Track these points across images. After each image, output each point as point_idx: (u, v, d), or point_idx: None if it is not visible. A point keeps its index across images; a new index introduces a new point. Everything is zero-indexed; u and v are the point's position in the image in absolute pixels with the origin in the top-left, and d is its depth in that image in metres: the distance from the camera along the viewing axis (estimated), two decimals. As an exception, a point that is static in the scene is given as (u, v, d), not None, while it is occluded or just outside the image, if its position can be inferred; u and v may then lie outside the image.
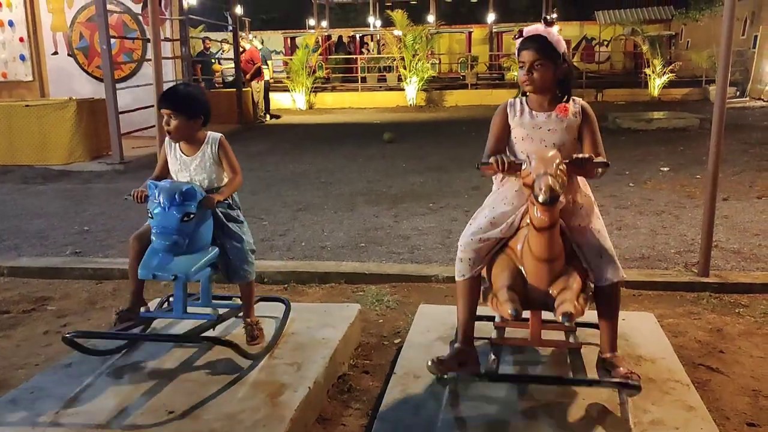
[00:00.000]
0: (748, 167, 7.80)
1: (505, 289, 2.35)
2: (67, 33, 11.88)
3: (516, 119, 2.56)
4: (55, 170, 8.89)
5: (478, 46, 26.08)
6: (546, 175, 2.18)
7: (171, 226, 2.59)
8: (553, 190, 2.15)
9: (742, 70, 17.95)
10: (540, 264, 2.31)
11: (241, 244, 2.87)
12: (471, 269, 2.50)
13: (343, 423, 2.65)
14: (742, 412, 2.66)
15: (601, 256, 2.42)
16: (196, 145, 2.87)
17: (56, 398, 2.53)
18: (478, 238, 2.48)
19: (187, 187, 2.65)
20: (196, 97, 2.88)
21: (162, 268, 2.63)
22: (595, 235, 2.46)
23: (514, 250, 2.44)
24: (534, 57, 2.49)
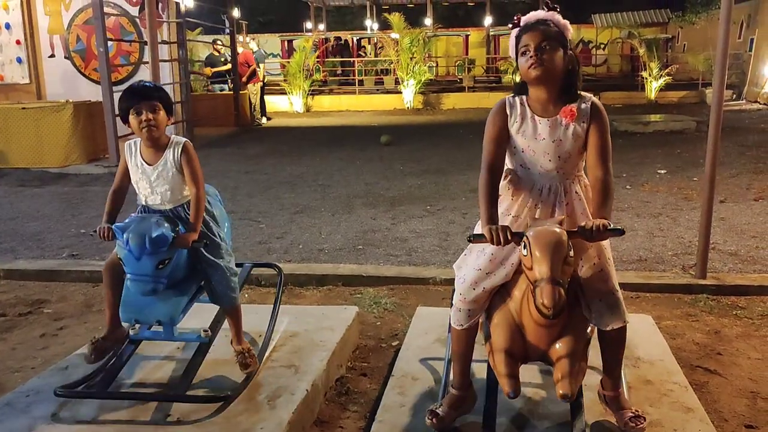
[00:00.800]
0: (745, 169, 7.81)
1: (504, 357, 2.12)
2: (64, 35, 11.85)
3: (516, 126, 2.21)
4: (51, 173, 8.88)
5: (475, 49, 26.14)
6: (550, 284, 1.87)
7: (146, 273, 2.38)
8: (557, 304, 1.86)
9: (738, 72, 18.01)
10: (539, 328, 2.09)
11: (222, 271, 2.63)
12: (469, 319, 2.27)
13: (341, 425, 2.64)
14: (740, 413, 2.66)
15: (602, 300, 2.15)
16: (159, 151, 2.58)
17: (52, 401, 2.51)
18: (481, 288, 2.21)
19: (156, 232, 2.37)
20: (165, 90, 2.67)
21: (145, 314, 2.50)
22: (598, 279, 2.17)
23: (514, 299, 2.18)
24: (540, 38, 2.11)
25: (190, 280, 2.61)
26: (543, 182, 2.23)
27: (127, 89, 2.59)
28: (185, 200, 2.63)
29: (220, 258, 2.64)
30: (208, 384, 2.63)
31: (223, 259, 2.65)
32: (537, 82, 2.18)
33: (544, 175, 2.22)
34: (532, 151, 2.22)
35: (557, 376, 2.07)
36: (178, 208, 2.62)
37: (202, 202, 2.59)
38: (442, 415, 2.32)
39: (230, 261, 2.70)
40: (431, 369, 2.81)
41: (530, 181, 2.25)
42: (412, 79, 18.10)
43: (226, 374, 2.69)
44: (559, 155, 2.19)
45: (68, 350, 3.22)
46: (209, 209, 2.71)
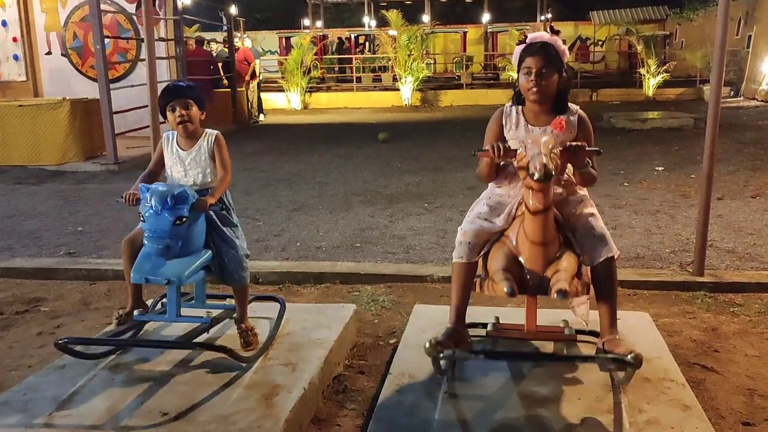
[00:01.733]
0: (743, 167, 7.82)
1: (501, 271, 2.41)
2: (60, 33, 11.83)
3: (512, 132, 2.59)
4: (48, 170, 8.86)
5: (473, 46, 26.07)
6: (540, 155, 2.26)
7: (163, 229, 2.56)
8: (546, 168, 2.22)
9: (736, 69, 18.01)
10: (535, 247, 2.37)
11: (236, 250, 2.86)
12: (469, 253, 2.53)
13: (339, 423, 2.64)
14: (738, 411, 2.67)
15: (593, 235, 2.47)
16: (194, 140, 2.90)
17: (49, 400, 2.51)
18: (479, 224, 2.55)
19: (179, 190, 2.62)
20: (198, 88, 2.99)
21: (155, 273, 2.61)
22: (586, 218, 2.52)
23: (510, 238, 2.50)
24: (542, 63, 2.49)
25: (202, 252, 2.78)
26: None
27: (164, 89, 2.96)
28: (211, 186, 2.88)
29: (235, 237, 2.87)
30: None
31: (237, 238, 2.89)
32: (534, 101, 2.58)
33: None
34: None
35: (553, 282, 2.35)
36: (203, 191, 2.83)
37: (227, 181, 2.88)
38: (441, 339, 2.50)
39: (243, 242, 2.93)
40: (429, 367, 2.80)
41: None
42: (410, 76, 18.08)
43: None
44: None
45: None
46: (229, 198, 2.97)
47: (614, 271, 2.53)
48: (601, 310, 2.58)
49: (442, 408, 2.46)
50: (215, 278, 2.97)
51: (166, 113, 2.90)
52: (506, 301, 3.74)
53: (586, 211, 2.56)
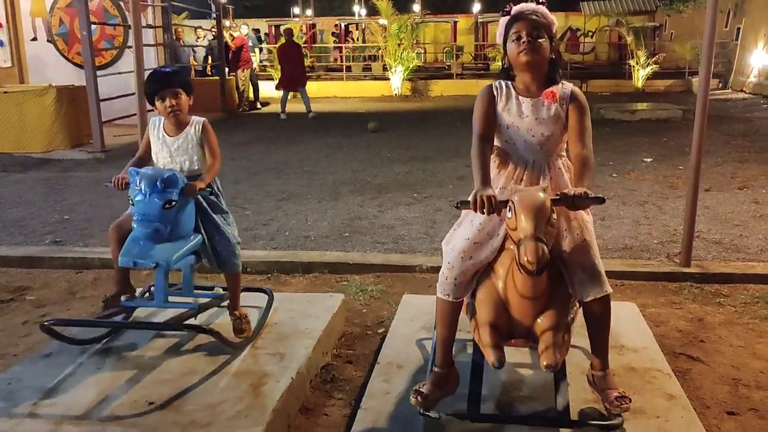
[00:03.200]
0: (730, 158, 7.87)
1: (489, 329, 2.19)
2: (46, 18, 11.67)
3: (502, 104, 2.36)
4: (34, 158, 8.77)
5: (463, 36, 26.04)
6: (533, 241, 1.94)
7: (152, 213, 2.56)
8: (541, 260, 1.92)
9: (725, 61, 18.09)
10: (524, 301, 2.15)
11: (228, 237, 2.86)
12: (456, 291, 2.30)
13: (326, 413, 2.64)
14: (722, 400, 2.69)
15: (584, 271, 2.21)
16: (181, 127, 2.87)
17: (34, 389, 2.49)
18: (468, 257, 2.26)
19: (168, 174, 2.62)
20: (188, 74, 2.92)
21: (143, 256, 2.60)
22: (581, 250, 2.24)
23: (498, 275, 2.24)
24: (532, 26, 2.27)
25: (191, 236, 2.77)
26: (528, 157, 2.36)
27: (150, 76, 2.89)
28: (198, 173, 2.84)
29: (226, 224, 2.87)
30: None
31: (229, 225, 2.89)
32: (525, 68, 2.32)
33: (529, 150, 2.35)
34: (516, 127, 2.35)
35: (541, 347, 2.13)
36: (191, 179, 2.78)
37: (216, 168, 2.86)
38: (426, 393, 2.34)
39: (234, 229, 2.93)
40: (417, 356, 2.81)
41: (516, 155, 2.38)
42: (400, 65, 18.02)
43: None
44: (541, 132, 2.34)
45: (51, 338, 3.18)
46: (218, 185, 2.94)
47: (607, 311, 2.28)
48: (591, 345, 2.40)
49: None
50: (207, 266, 2.95)
51: (154, 101, 2.84)
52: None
53: (579, 240, 2.25)
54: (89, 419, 2.31)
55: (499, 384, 2.54)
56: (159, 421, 2.29)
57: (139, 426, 2.26)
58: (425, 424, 2.30)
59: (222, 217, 2.89)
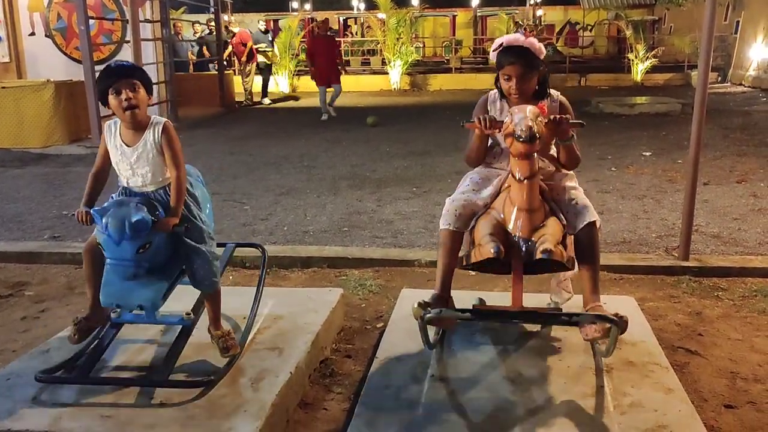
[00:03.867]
0: (729, 152, 7.86)
1: (488, 235, 2.47)
2: (44, 13, 11.63)
3: (496, 116, 2.68)
4: (33, 153, 8.76)
5: (462, 30, 25.97)
6: (525, 119, 2.38)
7: (126, 258, 2.36)
8: (531, 129, 2.34)
9: (724, 55, 18.06)
10: (521, 213, 2.46)
11: (204, 257, 2.57)
12: (457, 221, 2.61)
13: (325, 407, 2.65)
14: (720, 394, 2.70)
15: (575, 204, 2.58)
16: (139, 132, 2.54)
17: (33, 385, 2.49)
18: (467, 195, 2.66)
19: (136, 217, 2.33)
20: (144, 70, 2.62)
21: (125, 300, 2.46)
22: (569, 190, 2.64)
23: (496, 209, 2.59)
24: (520, 71, 2.62)
25: (171, 263, 2.56)
26: None
27: (103, 69, 2.54)
28: (167, 182, 2.57)
29: (201, 242, 2.57)
30: (192, 367, 2.61)
31: (204, 243, 2.59)
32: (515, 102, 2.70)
33: None
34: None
35: (539, 243, 2.41)
36: (159, 191, 2.57)
37: (183, 185, 2.54)
38: (429, 301, 2.59)
39: (212, 245, 2.66)
40: (416, 351, 2.81)
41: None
42: (399, 59, 17.98)
43: (210, 358, 2.66)
44: None
45: (50, 333, 3.19)
46: (191, 191, 2.66)
47: (596, 238, 2.61)
48: (583, 278, 2.63)
49: (429, 391, 2.47)
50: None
51: (107, 98, 2.50)
52: (492, 285, 3.77)
53: (569, 184, 2.68)
54: (88, 414, 2.31)
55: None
56: (158, 416, 2.30)
57: (137, 421, 2.27)
58: (424, 421, 2.31)
59: (200, 237, 2.59)
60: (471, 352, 2.75)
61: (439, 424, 2.28)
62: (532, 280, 2.91)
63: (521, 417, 2.34)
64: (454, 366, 2.65)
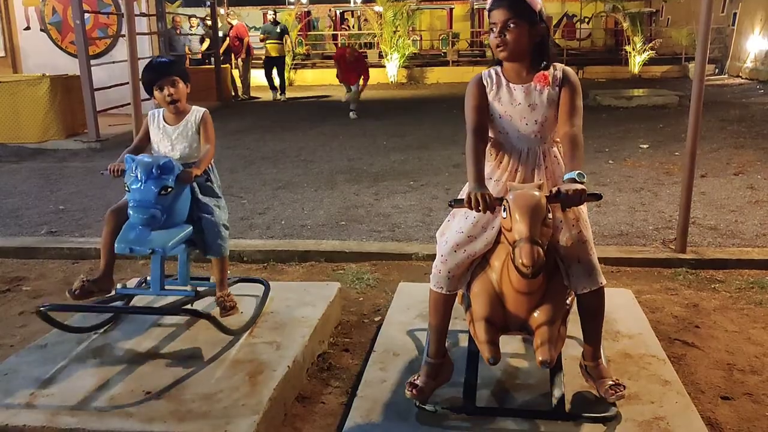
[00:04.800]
0: (726, 144, 7.86)
1: (485, 325, 2.17)
2: (39, 7, 11.58)
3: (493, 94, 2.30)
4: (29, 148, 8.73)
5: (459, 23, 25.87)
6: (529, 243, 1.92)
7: (148, 199, 2.58)
8: (536, 263, 1.91)
9: (721, 47, 18.04)
10: (519, 296, 2.15)
11: (214, 220, 2.86)
12: (450, 284, 2.30)
13: (323, 401, 2.65)
14: (717, 385, 2.70)
15: (580, 263, 2.21)
16: (181, 116, 2.92)
17: (31, 380, 2.50)
18: (462, 250, 2.26)
19: (164, 160, 2.64)
20: (183, 63, 2.95)
21: (139, 242, 2.61)
22: (577, 243, 2.22)
23: (494, 268, 2.23)
24: (506, 16, 2.18)
25: (186, 224, 2.79)
26: (522, 146, 2.31)
27: (146, 66, 2.91)
28: (196, 160, 2.86)
29: (215, 206, 2.89)
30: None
31: (219, 208, 2.91)
32: (505, 60, 2.30)
33: (523, 139, 2.30)
34: (509, 116, 2.30)
35: (537, 343, 2.13)
36: (188, 165, 2.81)
37: (211, 155, 2.91)
38: (421, 386, 2.35)
39: (224, 212, 2.95)
40: (413, 344, 2.82)
41: (510, 146, 2.33)
42: (396, 53, 17.94)
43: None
44: (535, 119, 2.28)
45: (47, 328, 3.14)
46: (215, 171, 3.00)
47: (601, 302, 2.29)
48: (584, 336, 2.39)
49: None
50: (199, 256, 2.95)
51: (152, 91, 2.88)
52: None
53: (575, 232, 2.23)
54: (86, 409, 2.32)
55: (495, 375, 2.54)
56: (155, 410, 2.30)
57: (135, 416, 2.27)
58: (421, 413, 2.31)
59: (214, 201, 2.92)
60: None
61: (436, 417, 2.29)
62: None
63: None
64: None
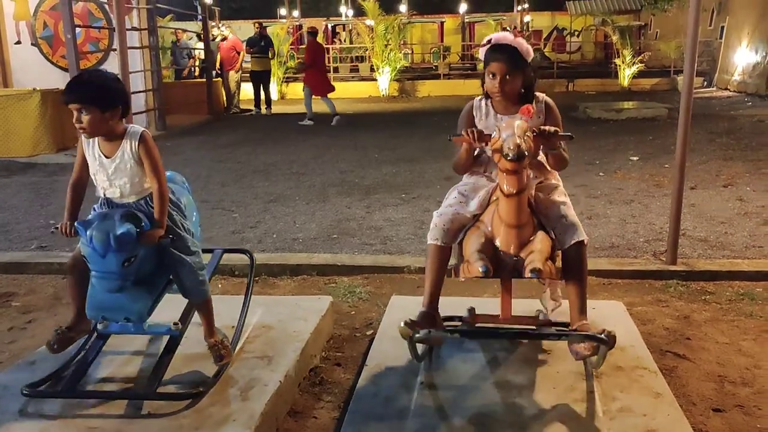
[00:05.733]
0: (715, 156, 7.93)
1: (476, 252, 2.44)
2: (30, 22, 11.57)
3: (482, 123, 2.69)
4: (19, 163, 8.69)
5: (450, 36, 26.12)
6: (513, 136, 2.32)
7: (111, 271, 2.33)
8: (520, 147, 2.28)
9: (709, 60, 18.25)
10: (510, 229, 2.43)
11: (189, 267, 2.55)
12: (444, 236, 2.58)
13: (315, 416, 2.64)
14: (708, 397, 2.71)
15: (564, 220, 2.53)
16: (117, 142, 2.48)
17: (20, 397, 2.46)
18: (454, 209, 2.61)
19: (121, 230, 2.30)
20: (107, 84, 2.45)
21: (111, 312, 2.44)
22: (559, 205, 2.58)
23: (485, 222, 2.56)
24: (505, 69, 2.58)
25: (157, 274, 2.53)
26: None
27: (71, 78, 2.49)
28: (147, 192, 2.53)
29: (187, 253, 2.54)
30: (180, 378, 2.59)
31: (190, 253, 2.56)
32: (499, 99, 2.70)
33: None
34: None
35: (527, 262, 2.40)
36: (141, 201, 2.53)
37: (165, 196, 2.49)
38: (416, 320, 2.53)
39: (198, 254, 2.62)
40: (405, 358, 2.81)
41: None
42: (388, 66, 18.04)
43: (199, 368, 2.65)
44: None
45: (37, 344, 3.16)
46: (174, 199, 2.61)
47: (584, 256, 2.57)
48: (570, 297, 2.60)
49: (418, 398, 2.47)
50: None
51: None
52: (481, 291, 3.78)
53: (559, 198, 2.62)
54: (75, 426, 2.29)
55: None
56: (146, 426, 2.28)
57: (126, 432, 2.25)
58: (413, 429, 2.30)
59: (185, 247, 2.56)
60: (460, 358, 2.75)
61: (429, 431, 2.28)
62: (521, 284, 2.92)
63: (511, 423, 2.33)
64: (444, 373, 2.65)
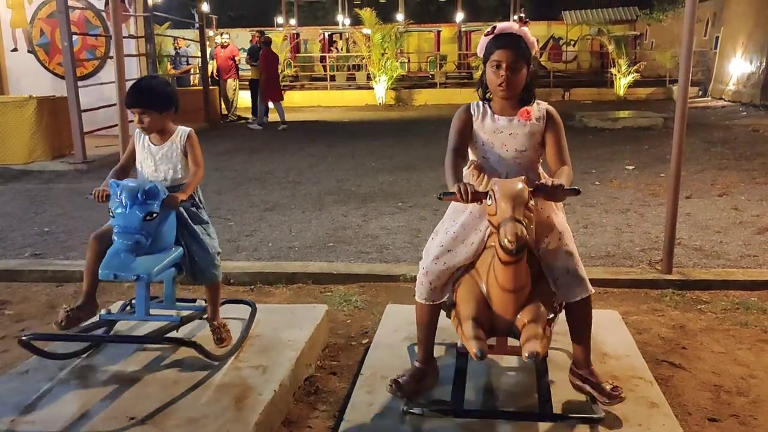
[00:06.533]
0: (710, 165, 7.96)
1: (471, 322, 2.22)
2: (27, 29, 11.58)
3: (478, 123, 2.45)
4: (14, 170, 8.67)
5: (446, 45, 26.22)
6: (512, 222, 2.01)
7: (133, 225, 2.53)
8: (520, 239, 1.99)
9: (704, 70, 18.35)
10: (506, 294, 2.19)
11: (207, 247, 2.84)
12: (433, 294, 2.40)
13: (310, 425, 2.62)
14: (704, 407, 2.70)
15: (568, 272, 2.30)
16: (166, 136, 2.87)
17: (12, 406, 2.45)
18: (442, 265, 2.36)
19: (150, 185, 2.59)
20: (164, 90, 2.85)
21: (124, 268, 2.56)
22: (563, 256, 2.32)
23: (480, 273, 2.30)
24: (513, 57, 2.33)
25: (172, 249, 2.75)
26: (502, 170, 2.43)
27: (130, 87, 2.84)
28: (182, 182, 2.82)
29: (205, 234, 2.86)
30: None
31: (208, 235, 2.87)
32: (503, 98, 2.44)
33: (503, 164, 2.44)
34: (491, 143, 2.45)
35: (523, 339, 2.18)
36: (175, 188, 2.79)
37: (199, 177, 2.85)
38: (402, 383, 2.41)
39: (215, 240, 2.91)
40: (400, 367, 2.79)
41: (491, 169, 2.45)
42: (384, 75, 18.09)
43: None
44: (515, 147, 2.42)
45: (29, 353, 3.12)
46: (200, 195, 2.94)
47: (590, 309, 2.39)
48: (574, 345, 2.48)
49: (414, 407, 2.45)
50: (186, 277, 2.92)
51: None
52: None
53: (564, 247, 2.33)
54: (69, 436, 2.28)
55: (483, 383, 2.60)
56: (138, 436, 2.27)
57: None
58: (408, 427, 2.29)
59: (202, 228, 2.87)
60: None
61: (424, 437, 2.27)
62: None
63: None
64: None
